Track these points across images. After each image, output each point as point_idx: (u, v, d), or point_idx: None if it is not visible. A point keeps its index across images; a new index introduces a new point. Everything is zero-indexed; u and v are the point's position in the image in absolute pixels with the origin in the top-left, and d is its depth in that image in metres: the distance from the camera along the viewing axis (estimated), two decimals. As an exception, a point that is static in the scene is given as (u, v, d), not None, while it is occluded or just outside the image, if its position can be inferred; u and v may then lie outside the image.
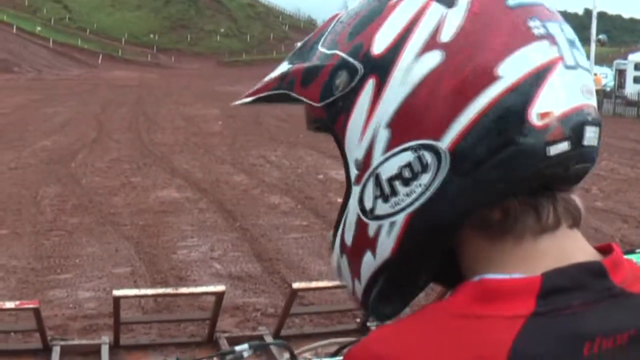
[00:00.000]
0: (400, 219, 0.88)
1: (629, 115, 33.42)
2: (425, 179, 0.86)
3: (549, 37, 0.88)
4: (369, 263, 0.92)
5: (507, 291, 0.86)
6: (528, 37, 0.87)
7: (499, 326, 0.83)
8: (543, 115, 0.85)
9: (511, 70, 0.85)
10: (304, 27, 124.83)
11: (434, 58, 0.86)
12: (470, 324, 0.84)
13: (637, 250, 4.73)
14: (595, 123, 0.88)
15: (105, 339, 5.68)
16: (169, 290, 6.47)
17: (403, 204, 0.88)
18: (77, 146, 19.21)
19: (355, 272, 0.95)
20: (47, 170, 15.42)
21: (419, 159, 0.86)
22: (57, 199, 12.61)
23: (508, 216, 0.88)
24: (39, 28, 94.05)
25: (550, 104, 0.86)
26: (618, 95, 40.01)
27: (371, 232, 0.91)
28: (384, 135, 0.88)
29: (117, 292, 5.48)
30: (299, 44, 1.03)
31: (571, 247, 0.90)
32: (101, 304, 7.50)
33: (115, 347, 5.61)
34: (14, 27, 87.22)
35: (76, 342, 5.94)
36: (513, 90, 0.85)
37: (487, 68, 0.85)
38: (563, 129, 0.86)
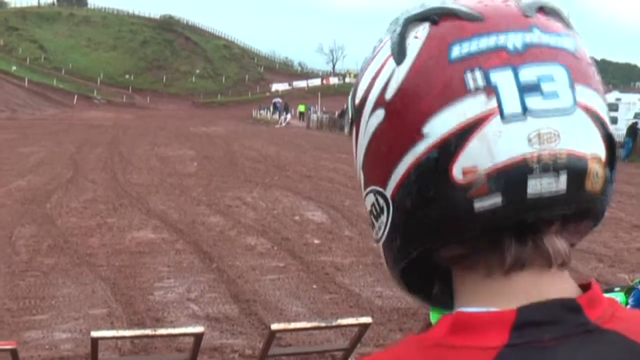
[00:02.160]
0: (380, 244, 0.99)
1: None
2: (383, 218, 0.96)
3: (486, 89, 0.88)
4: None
5: (482, 323, 0.88)
6: (458, 93, 0.88)
7: (472, 356, 0.86)
8: (467, 172, 0.88)
9: (436, 128, 0.88)
10: (279, 69, 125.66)
11: (379, 116, 0.93)
12: (444, 353, 0.87)
13: (616, 289, 4.81)
14: (547, 169, 0.87)
15: (83, 380, 5.68)
16: (148, 332, 6.45)
17: (379, 234, 0.98)
18: (53, 186, 19.08)
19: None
20: (22, 210, 15.31)
21: (377, 202, 0.96)
22: (32, 239, 12.51)
23: (470, 252, 0.93)
24: (14, 67, 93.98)
25: (474, 160, 0.87)
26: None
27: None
28: (360, 176, 0.99)
29: (95, 333, 5.44)
30: None
31: (547, 285, 0.91)
32: (78, 345, 7.47)
33: (92, 388, 5.58)
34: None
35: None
36: (436, 147, 0.88)
37: (415, 127, 0.90)
38: (489, 184, 0.87)
